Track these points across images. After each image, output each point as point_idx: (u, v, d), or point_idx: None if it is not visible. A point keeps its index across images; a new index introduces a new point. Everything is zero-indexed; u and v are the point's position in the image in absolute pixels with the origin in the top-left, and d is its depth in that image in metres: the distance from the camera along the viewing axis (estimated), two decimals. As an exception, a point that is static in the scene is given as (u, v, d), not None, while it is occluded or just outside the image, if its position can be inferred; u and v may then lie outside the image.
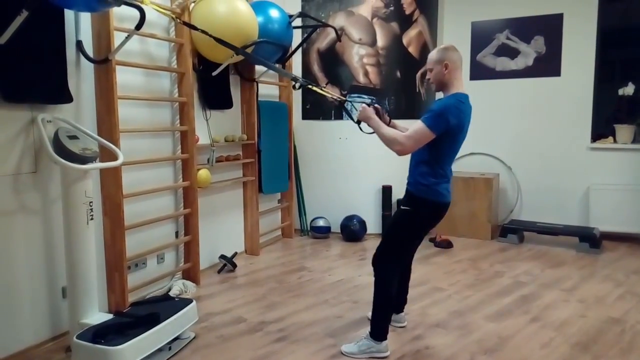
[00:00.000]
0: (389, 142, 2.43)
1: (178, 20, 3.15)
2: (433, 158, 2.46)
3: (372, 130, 2.56)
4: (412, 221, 2.56)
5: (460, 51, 2.52)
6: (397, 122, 2.83)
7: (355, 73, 4.98)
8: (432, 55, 2.49)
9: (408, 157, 2.60)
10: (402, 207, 2.57)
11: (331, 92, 3.02)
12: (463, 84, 2.49)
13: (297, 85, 3.06)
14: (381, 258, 2.59)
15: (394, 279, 2.61)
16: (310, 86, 3.01)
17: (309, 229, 5.19)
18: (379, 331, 2.58)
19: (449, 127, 2.36)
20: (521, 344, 2.72)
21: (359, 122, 2.70)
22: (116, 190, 2.94)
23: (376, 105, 2.72)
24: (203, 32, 2.93)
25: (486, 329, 2.92)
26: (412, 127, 2.41)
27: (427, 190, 2.46)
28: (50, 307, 2.71)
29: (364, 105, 2.63)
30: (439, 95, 2.61)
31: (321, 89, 3.01)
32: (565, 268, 4.08)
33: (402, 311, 2.96)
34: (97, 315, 2.59)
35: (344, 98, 2.96)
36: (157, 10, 2.85)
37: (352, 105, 2.85)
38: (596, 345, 2.69)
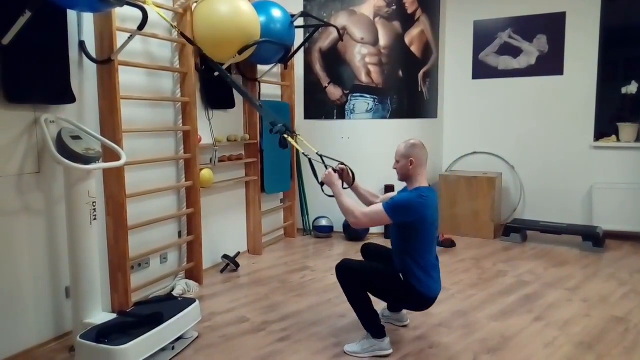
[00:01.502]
0: (345, 212, 2.57)
1: (177, 30, 3.17)
2: (411, 251, 2.52)
3: (332, 194, 2.64)
4: (399, 292, 2.56)
5: (426, 149, 2.62)
6: (361, 186, 2.87)
7: (357, 72, 4.97)
8: (400, 149, 2.60)
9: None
10: (401, 276, 2.56)
11: (305, 145, 3.07)
12: (426, 178, 2.59)
13: (274, 130, 3.08)
14: (348, 278, 2.55)
15: (359, 286, 2.58)
16: (285, 136, 3.04)
17: (311, 228, 5.19)
18: (373, 329, 2.58)
19: (408, 221, 2.46)
20: (525, 343, 2.71)
21: (322, 184, 2.77)
22: (119, 190, 2.94)
23: (342, 166, 2.79)
24: (197, 47, 2.97)
25: (489, 328, 2.91)
26: (371, 207, 2.55)
27: (419, 283, 2.51)
28: (54, 307, 2.72)
29: (329, 170, 2.73)
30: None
31: (295, 139, 3.08)
32: (569, 267, 4.07)
33: (402, 309, 2.96)
34: (100, 315, 2.59)
35: (315, 152, 2.98)
36: (159, 14, 2.85)
37: (324, 163, 2.88)
38: (600, 345, 2.69)
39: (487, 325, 2.95)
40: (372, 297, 2.57)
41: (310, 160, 2.97)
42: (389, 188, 4.94)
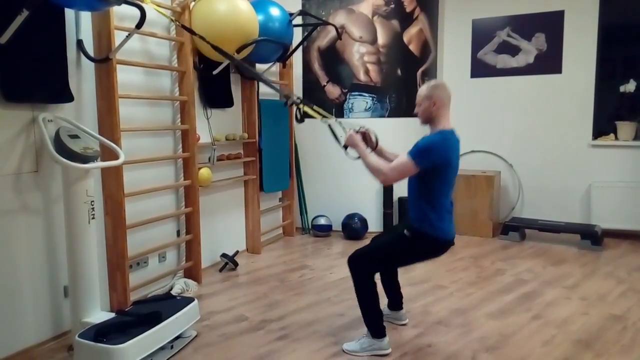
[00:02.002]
0: (373, 171, 2.49)
1: (177, 23, 3.15)
2: (429, 194, 2.48)
3: (357, 156, 2.60)
4: (411, 251, 2.56)
5: (449, 89, 2.54)
6: (385, 148, 2.83)
7: (356, 71, 4.97)
8: (422, 91, 2.53)
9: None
10: (405, 232, 2.55)
11: (321, 112, 3.01)
12: (449, 120, 2.52)
13: (289, 102, 3.03)
14: (360, 263, 2.57)
15: (372, 279, 2.59)
16: (300, 104, 3.00)
17: (310, 227, 5.19)
18: (375, 328, 2.58)
19: (434, 164, 2.40)
20: (523, 342, 2.72)
21: (345, 147, 2.72)
22: (117, 189, 2.94)
23: (364, 130, 2.74)
24: (201, 37, 2.94)
25: (488, 326, 2.92)
26: (397, 159, 2.46)
27: (431, 227, 2.48)
28: (52, 306, 2.72)
29: (351, 132, 2.66)
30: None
31: (311, 108, 3.01)
32: (567, 265, 4.08)
33: (401, 308, 2.96)
34: (99, 314, 2.59)
35: (333, 118, 2.95)
36: (157, 11, 2.85)
37: (343, 127, 2.84)
38: (598, 343, 2.69)
39: (485, 324, 2.95)
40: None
41: (329, 126, 2.91)
42: (387, 187, 4.95)
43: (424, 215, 2.48)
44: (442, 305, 3.24)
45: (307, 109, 2.98)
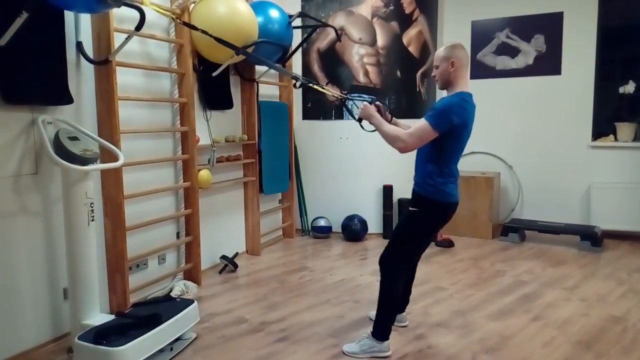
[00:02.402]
0: (391, 139, 2.42)
1: (178, 21, 3.15)
2: (439, 157, 2.43)
3: (373, 128, 2.55)
4: (421, 222, 2.54)
5: (466, 49, 2.49)
6: (399, 120, 2.81)
7: (355, 73, 4.97)
8: (440, 52, 2.47)
9: (410, 156, 2.60)
10: (410, 209, 2.56)
11: (332, 91, 3.00)
12: (468, 83, 2.47)
13: (298, 84, 3.03)
14: (389, 259, 2.57)
15: (401, 280, 2.60)
16: (311, 84, 2.98)
17: (310, 229, 5.19)
18: (382, 331, 2.57)
19: (453, 126, 2.34)
20: (523, 343, 2.71)
21: (360, 120, 2.68)
22: (117, 191, 2.94)
23: (377, 102, 2.69)
24: (203, 32, 2.92)
25: (488, 328, 2.91)
26: (415, 125, 2.40)
27: (435, 191, 2.45)
28: (52, 309, 2.71)
29: (365, 103, 2.60)
30: (442, 94, 2.58)
31: (322, 88, 2.98)
32: (567, 267, 4.07)
33: (404, 311, 2.96)
34: (98, 316, 2.58)
35: (345, 96, 2.93)
36: (157, 11, 2.85)
37: (354, 103, 2.83)
38: (598, 344, 2.69)
39: (485, 325, 2.95)
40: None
41: (343, 102, 2.88)
42: (387, 188, 4.95)
43: (429, 178, 2.45)
44: (442, 306, 3.24)
45: (316, 87, 2.96)
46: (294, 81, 2.99)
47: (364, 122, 2.65)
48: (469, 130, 2.46)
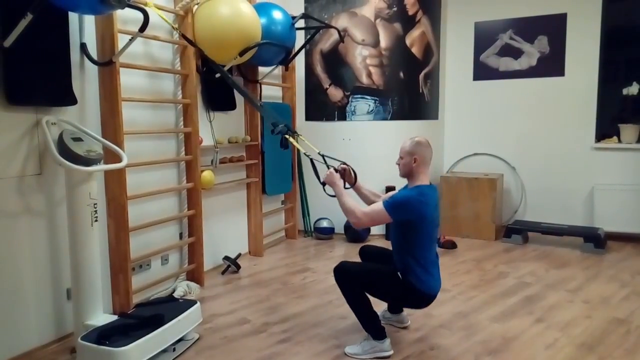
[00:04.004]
0: (347, 212, 2.56)
1: (178, 32, 3.17)
2: (411, 249, 2.52)
3: (334, 194, 2.64)
4: (398, 291, 2.56)
5: (431, 147, 2.62)
6: (363, 186, 2.88)
7: (358, 74, 4.98)
8: (405, 145, 2.59)
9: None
10: (398, 274, 2.56)
11: (306, 145, 3.06)
12: (428, 177, 2.59)
13: (276, 131, 3.06)
14: (346, 279, 2.56)
15: (357, 287, 2.58)
16: (287, 136, 3.02)
17: (312, 230, 5.19)
18: (373, 331, 2.59)
19: (407, 220, 2.46)
20: (526, 345, 2.71)
21: (324, 184, 2.76)
22: (120, 192, 2.95)
23: (344, 166, 2.79)
24: (199, 49, 2.97)
25: (491, 329, 2.91)
26: (372, 206, 2.56)
27: (418, 280, 2.51)
28: (55, 309, 2.72)
29: (331, 170, 2.72)
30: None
31: (296, 140, 3.06)
32: (570, 268, 4.06)
33: (402, 310, 2.96)
34: (101, 317, 2.59)
35: (316, 152, 2.99)
36: (161, 17, 2.86)
37: (326, 162, 2.88)
38: (601, 346, 2.68)
39: (488, 327, 2.95)
40: (372, 299, 2.57)
41: (311, 160, 2.97)
42: (390, 189, 4.95)
43: (409, 267, 2.52)
44: (445, 308, 3.23)
45: (292, 140, 3.03)
46: (272, 127, 3.03)
47: (327, 187, 2.73)
48: (432, 220, 2.54)
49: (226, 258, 3.99)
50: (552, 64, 5.13)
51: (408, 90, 5.05)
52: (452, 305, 3.29)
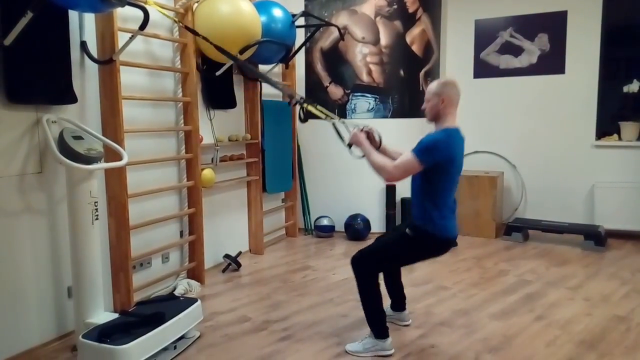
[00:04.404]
0: (377, 169, 2.49)
1: (180, 24, 3.16)
2: (432, 192, 2.48)
3: (362, 155, 2.60)
4: (414, 249, 2.57)
5: (459, 87, 2.53)
6: (389, 147, 2.82)
7: (358, 72, 4.97)
8: (432, 87, 2.53)
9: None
10: (407, 231, 2.55)
11: (326, 112, 3.01)
12: (456, 119, 2.52)
13: (293, 102, 3.02)
14: (363, 262, 2.57)
15: (375, 279, 2.59)
16: (304, 104, 2.99)
17: (313, 228, 5.19)
18: (378, 329, 2.58)
19: (438, 161, 2.40)
20: (526, 343, 2.71)
21: (350, 146, 2.72)
22: (121, 190, 2.95)
23: (368, 129, 2.74)
24: (204, 38, 2.94)
25: (491, 327, 2.91)
26: (401, 157, 2.46)
27: (433, 225, 2.47)
28: (56, 307, 2.72)
29: (355, 130, 2.67)
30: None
31: (315, 107, 3.01)
32: (571, 266, 4.07)
33: (404, 309, 2.96)
34: (102, 315, 2.60)
35: (337, 118, 2.95)
36: (161, 12, 2.86)
37: (346, 126, 2.84)
38: (601, 344, 2.69)
39: (488, 325, 2.95)
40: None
41: (334, 124, 2.91)
42: (390, 188, 4.95)
43: (427, 213, 2.48)
44: (445, 306, 3.24)
45: (311, 108, 2.97)
46: (288, 99, 2.97)
47: (353, 148, 2.69)
48: (459, 164, 2.50)
49: (227, 256, 4.00)
50: (552, 62, 5.12)
51: (408, 88, 5.04)
52: (452, 303, 3.29)
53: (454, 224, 2.54)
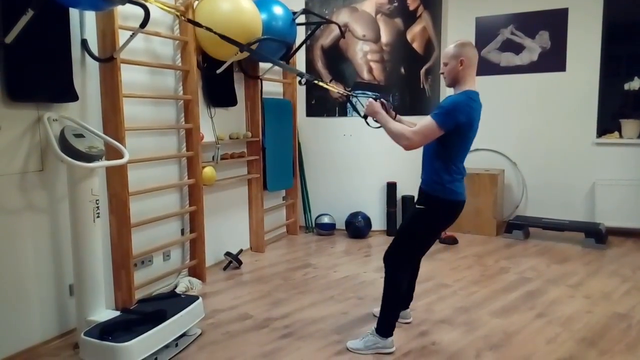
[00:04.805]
0: (396, 136, 2.42)
1: (183, 18, 3.15)
2: (445, 155, 2.44)
3: (379, 125, 2.56)
4: (428, 220, 2.54)
5: (475, 48, 2.48)
6: (403, 117, 2.81)
7: (359, 69, 4.97)
8: (449, 49, 2.46)
9: (414, 153, 2.60)
10: (417, 206, 2.56)
11: (337, 87, 2.99)
12: (475, 81, 2.46)
13: (303, 80, 3.01)
14: (394, 256, 2.58)
15: (405, 277, 2.61)
16: (316, 81, 2.97)
17: (313, 225, 5.20)
18: (386, 327, 2.58)
19: (458, 124, 2.33)
20: (527, 340, 2.72)
21: (365, 117, 2.68)
22: (122, 188, 2.95)
23: (382, 99, 2.69)
24: (208, 29, 2.93)
25: (492, 324, 2.92)
26: (420, 122, 2.40)
27: (442, 189, 2.45)
28: (58, 305, 2.73)
29: (370, 99, 2.61)
30: (448, 92, 2.58)
31: (327, 84, 2.98)
32: (571, 264, 4.07)
33: (408, 307, 2.97)
34: (104, 313, 2.60)
35: (349, 92, 2.93)
36: (162, 9, 2.85)
37: (358, 100, 2.82)
38: (602, 341, 2.69)
39: (489, 322, 2.95)
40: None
41: (347, 97, 2.89)
42: (391, 185, 4.95)
43: (437, 176, 2.45)
44: (446, 303, 3.24)
45: (322, 84, 2.95)
46: (299, 78, 2.95)
47: (369, 119, 2.65)
48: (475, 129, 2.45)
49: (228, 254, 4.00)
50: (553, 59, 5.11)
51: (409, 86, 5.04)
52: (453, 300, 3.30)
53: (462, 188, 2.50)
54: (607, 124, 5.00)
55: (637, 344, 2.66)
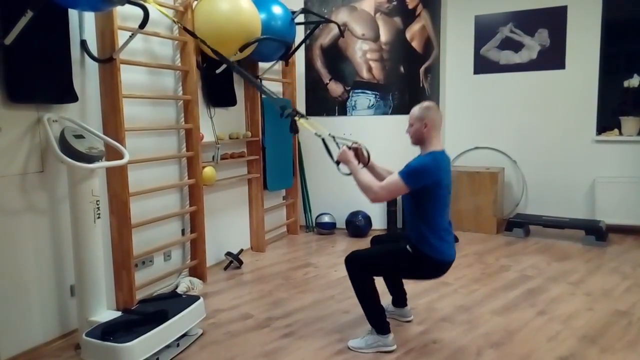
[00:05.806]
0: (364, 188, 2.53)
1: (179, 25, 3.16)
2: (425, 215, 2.49)
3: (349, 172, 2.63)
4: (410, 267, 2.56)
5: (440, 112, 2.59)
6: (377, 164, 2.85)
7: (358, 68, 4.97)
8: (415, 111, 2.55)
9: (415, 153, 2.60)
10: (408, 248, 2.55)
11: (316, 126, 3.04)
12: (440, 142, 2.56)
13: (285, 114, 3.04)
14: (358, 266, 2.57)
15: (370, 279, 2.58)
16: (296, 117, 3.01)
17: (314, 225, 5.20)
18: (378, 325, 2.59)
19: (425, 186, 2.42)
20: (528, 338, 2.72)
21: (337, 163, 2.73)
22: (122, 188, 2.95)
23: (356, 145, 2.76)
24: (202, 41, 2.96)
25: (493, 322, 2.92)
26: (388, 179, 2.50)
27: (430, 248, 2.48)
28: (59, 306, 2.73)
29: (344, 147, 2.69)
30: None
31: (307, 121, 3.04)
32: (572, 261, 4.07)
33: (406, 305, 2.97)
34: (105, 313, 2.60)
35: (327, 134, 2.97)
36: (161, 12, 2.86)
37: (335, 141, 2.86)
38: (603, 338, 2.69)
39: (490, 320, 2.96)
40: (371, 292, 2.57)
41: (323, 140, 2.94)
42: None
43: (422, 236, 2.49)
44: (447, 301, 3.24)
45: (302, 121, 3.02)
46: (281, 111, 3.00)
47: (341, 165, 2.71)
48: (446, 186, 2.51)
49: (228, 254, 4.01)
50: (552, 57, 5.12)
51: (408, 85, 5.04)
52: (454, 298, 3.30)
53: (450, 246, 2.55)
54: (607, 122, 5.00)
55: (638, 341, 2.66)
